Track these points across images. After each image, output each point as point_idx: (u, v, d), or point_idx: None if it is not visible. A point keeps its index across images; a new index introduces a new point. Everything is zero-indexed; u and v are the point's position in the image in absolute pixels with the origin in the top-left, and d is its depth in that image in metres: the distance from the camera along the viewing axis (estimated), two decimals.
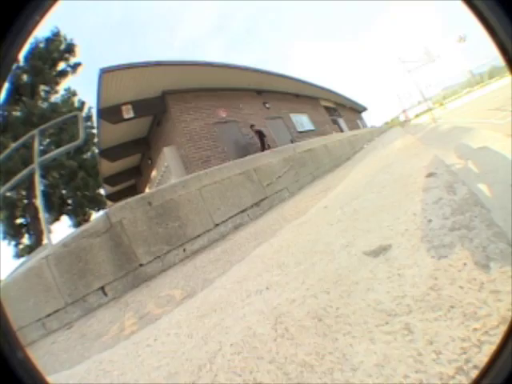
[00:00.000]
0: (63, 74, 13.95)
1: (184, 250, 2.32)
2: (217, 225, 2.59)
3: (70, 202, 14.06)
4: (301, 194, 3.34)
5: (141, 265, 2.12)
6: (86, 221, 13.28)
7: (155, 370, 0.89)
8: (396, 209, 1.33)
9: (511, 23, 0.39)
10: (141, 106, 7.27)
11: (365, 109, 27.12)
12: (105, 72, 6.09)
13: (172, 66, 7.17)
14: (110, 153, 8.78)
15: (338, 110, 18.87)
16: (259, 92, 10.50)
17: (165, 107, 7.61)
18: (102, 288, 2.02)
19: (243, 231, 2.49)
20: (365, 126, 24.84)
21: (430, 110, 20.36)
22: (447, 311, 0.63)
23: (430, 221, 1.06)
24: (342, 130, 16.32)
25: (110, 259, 2.08)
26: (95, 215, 14.56)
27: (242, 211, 2.85)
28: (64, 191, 13.62)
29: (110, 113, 7.01)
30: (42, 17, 0.45)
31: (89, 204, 14.15)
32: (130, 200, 2.33)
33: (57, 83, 13.70)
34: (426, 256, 0.84)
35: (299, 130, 11.58)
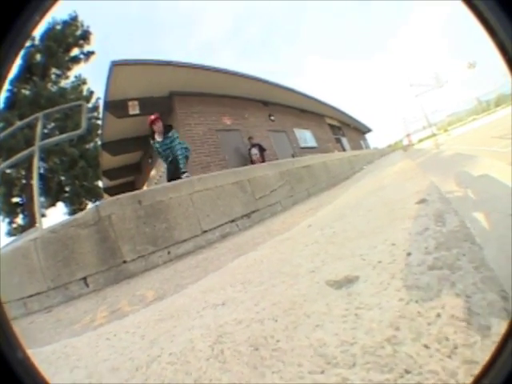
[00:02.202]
0: (75, 60, 13.86)
1: (169, 252, 2.33)
2: (204, 231, 2.59)
3: (67, 189, 13.95)
4: (293, 210, 3.31)
5: (124, 261, 2.14)
6: (82, 210, 13.32)
7: (103, 361, 0.96)
8: (375, 236, 1.22)
9: (511, 23, 0.39)
10: (147, 104, 7.26)
11: (369, 130, 27.14)
12: (116, 65, 6.08)
13: (183, 67, 7.19)
14: (111, 146, 8.78)
15: (343, 129, 18.97)
16: (266, 103, 10.51)
17: (171, 108, 7.62)
18: (85, 279, 2.06)
19: (229, 241, 2.49)
20: (368, 147, 24.96)
21: (433, 135, 20.62)
22: (399, 376, 0.48)
23: (408, 254, 0.93)
24: (344, 150, 16.40)
25: (95, 252, 2.11)
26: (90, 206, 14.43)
27: (232, 221, 2.84)
28: (63, 178, 13.52)
29: (116, 107, 7.02)
30: (41, 17, 0.45)
31: (86, 194, 14.03)
32: (121, 196, 2.35)
33: (68, 68, 13.62)
34: (394, 297, 0.71)
35: (302, 145, 11.54)
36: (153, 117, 4.18)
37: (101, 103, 10.09)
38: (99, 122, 11.17)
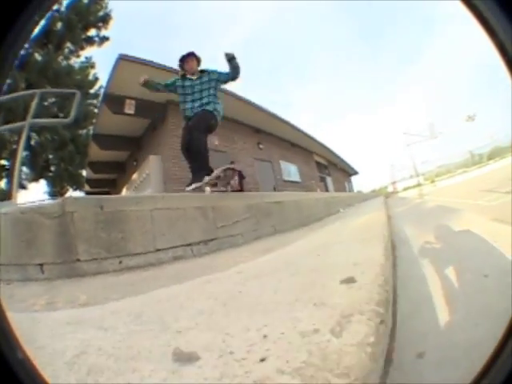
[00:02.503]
0: (90, 41, 13.27)
1: (120, 262, 2.32)
2: (158, 250, 2.55)
3: (52, 169, 13.55)
4: (251, 245, 3.12)
5: (78, 260, 2.18)
6: (62, 194, 12.63)
7: None
8: (268, 313, 0.94)
9: (511, 23, 0.39)
10: (143, 106, 7.20)
11: (356, 172, 27.36)
12: (122, 59, 6.01)
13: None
14: (101, 139, 8.59)
15: (329, 169, 18.99)
16: (258, 130, 10.40)
17: (164, 116, 7.53)
18: (41, 265, 2.12)
19: (178, 265, 2.45)
20: (351, 189, 25.15)
21: (419, 185, 20.79)
22: None
23: (262, 360, 0.61)
24: (327, 189, 16.40)
25: (54, 243, 2.16)
26: (70, 192, 14.06)
27: (187, 245, 2.76)
28: (51, 156, 13.07)
29: (113, 101, 6.93)
30: (41, 17, 0.45)
31: (68, 179, 13.56)
32: (86, 197, 2.36)
33: (82, 48, 13.05)
34: None
35: (285, 178, 11.40)
36: (185, 53, 3.25)
37: (102, 93, 9.84)
38: (96, 111, 10.77)
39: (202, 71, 3.33)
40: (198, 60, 3.37)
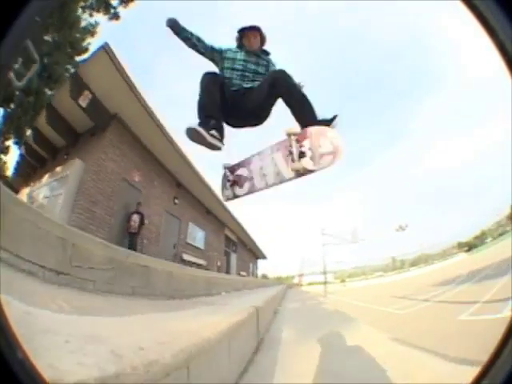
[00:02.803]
0: (107, 7, 12.33)
1: None
2: None
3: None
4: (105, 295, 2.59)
5: None
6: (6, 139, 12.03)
7: None
8: None
9: (511, 23, 0.39)
10: (95, 107, 6.87)
11: (264, 257, 26.37)
12: (105, 48, 5.72)
13: (138, 103, 6.89)
14: (51, 112, 7.98)
15: (237, 246, 18.24)
16: (179, 184, 10.25)
17: (105, 128, 7.21)
18: None
19: None
20: (255, 271, 24.27)
21: (325, 283, 20.58)
22: None
23: None
24: (228, 265, 15.76)
25: None
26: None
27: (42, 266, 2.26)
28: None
29: (76, 85, 6.62)
30: (41, 17, 0.45)
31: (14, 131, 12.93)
32: None
33: (97, 9, 12.36)
34: None
35: (188, 241, 10.78)
36: (247, 25, 2.56)
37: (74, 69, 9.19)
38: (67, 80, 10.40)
39: (265, 52, 2.66)
40: (263, 38, 2.61)
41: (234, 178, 2.63)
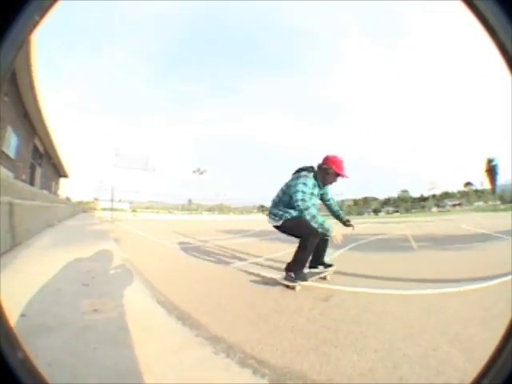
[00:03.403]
0: None
1: None
2: None
3: None
4: None
5: None
6: None
7: None
8: None
9: (511, 23, 0.39)
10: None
11: (66, 175, 24.39)
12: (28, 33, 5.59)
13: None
14: None
15: (44, 159, 15.99)
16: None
17: None
18: None
19: None
20: (56, 192, 21.92)
21: (112, 209, 21.35)
22: None
23: None
24: (32, 181, 13.58)
25: None
26: None
27: None
28: None
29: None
30: (41, 17, 0.45)
31: None
32: None
33: None
34: None
35: (2, 148, 9.10)
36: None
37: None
38: None
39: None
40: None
41: None
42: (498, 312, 1.70)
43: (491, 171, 26.42)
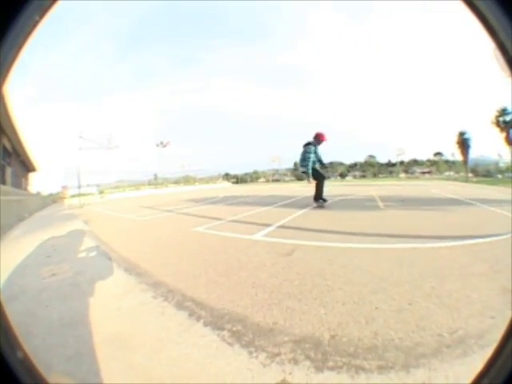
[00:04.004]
0: None
1: None
2: None
3: None
4: None
5: None
6: None
7: None
8: None
9: (511, 23, 0.39)
10: None
11: (35, 169, 22.07)
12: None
13: None
14: None
15: (12, 157, 15.03)
16: None
17: None
18: None
19: None
20: (26, 188, 19.61)
21: (79, 195, 20.68)
22: None
23: None
24: (3, 181, 12.18)
25: None
26: None
27: None
28: None
29: None
30: (41, 17, 0.45)
31: None
32: None
33: None
34: None
35: None
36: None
37: None
38: None
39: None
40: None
41: None
42: (477, 271, 1.57)
43: (463, 144, 26.74)
